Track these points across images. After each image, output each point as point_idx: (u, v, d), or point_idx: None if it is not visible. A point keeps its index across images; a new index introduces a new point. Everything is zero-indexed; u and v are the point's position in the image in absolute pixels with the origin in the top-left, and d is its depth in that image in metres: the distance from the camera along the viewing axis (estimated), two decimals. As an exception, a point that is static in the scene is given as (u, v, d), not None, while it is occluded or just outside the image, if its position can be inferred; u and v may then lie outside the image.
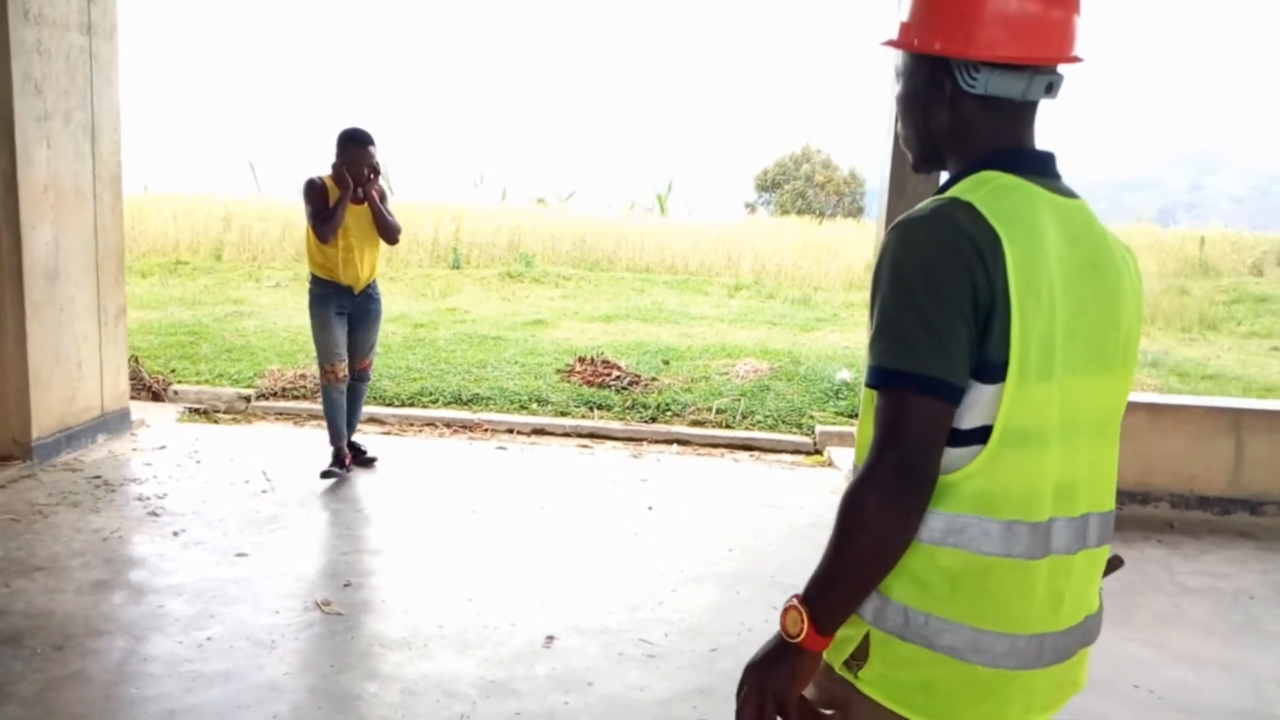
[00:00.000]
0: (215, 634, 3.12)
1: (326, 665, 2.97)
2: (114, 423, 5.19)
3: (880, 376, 1.23)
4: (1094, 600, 1.38)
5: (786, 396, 7.03)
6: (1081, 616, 1.35)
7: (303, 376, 6.99)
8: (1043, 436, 1.26)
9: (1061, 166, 1.38)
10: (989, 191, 1.27)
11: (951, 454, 1.24)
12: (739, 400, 6.92)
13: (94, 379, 5.00)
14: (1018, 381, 1.22)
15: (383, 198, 4.77)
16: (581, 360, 7.72)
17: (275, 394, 6.79)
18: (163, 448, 5.12)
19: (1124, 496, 4.80)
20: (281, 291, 11.30)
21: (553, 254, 14.45)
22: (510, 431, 6.34)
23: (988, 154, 1.32)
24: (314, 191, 4.61)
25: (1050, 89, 1.32)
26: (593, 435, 6.38)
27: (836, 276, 13.70)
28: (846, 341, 9.35)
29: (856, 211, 30.66)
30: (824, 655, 1.29)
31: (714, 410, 6.77)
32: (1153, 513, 4.81)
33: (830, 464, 5.87)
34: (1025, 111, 1.34)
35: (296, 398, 6.77)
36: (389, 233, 4.75)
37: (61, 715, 2.63)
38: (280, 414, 6.54)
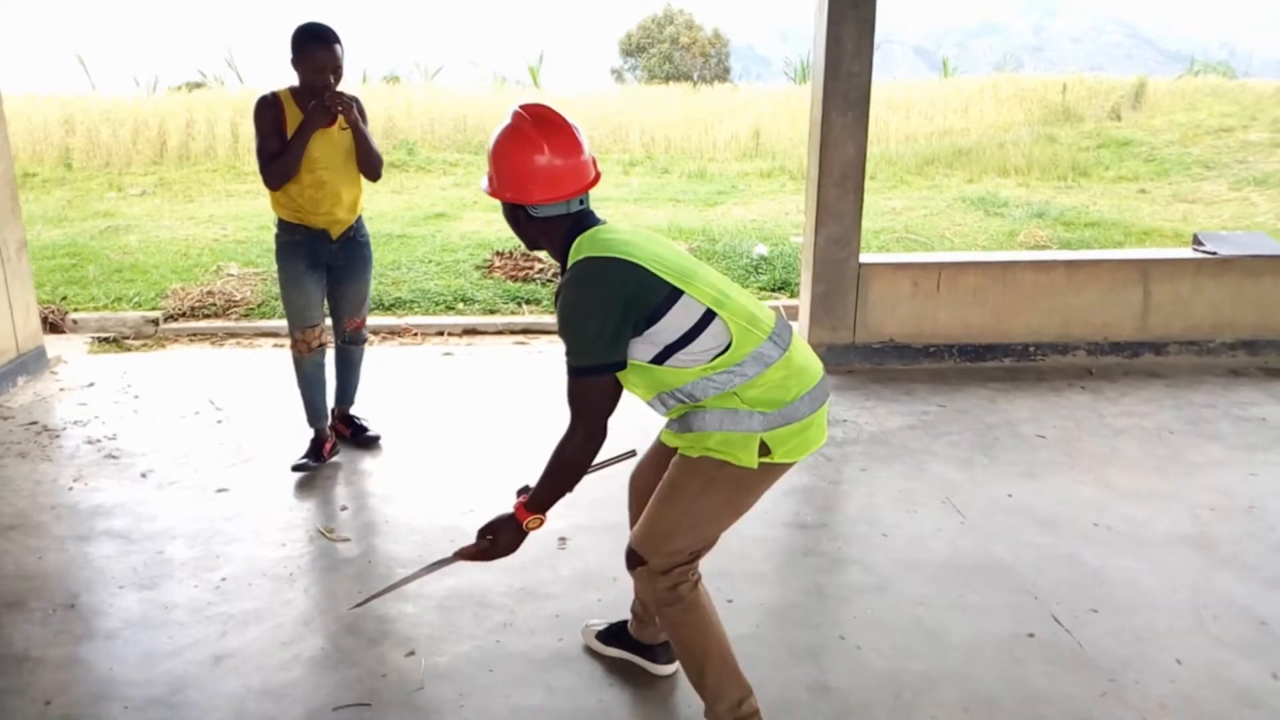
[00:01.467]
0: (229, 574, 3.09)
1: (354, 591, 3.00)
2: (31, 363, 4.88)
3: (571, 368, 2.11)
4: (819, 366, 2.26)
5: (710, 275, 7.14)
6: (819, 375, 2.22)
7: (209, 294, 6.68)
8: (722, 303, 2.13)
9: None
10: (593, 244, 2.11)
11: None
12: (665, 283, 7.00)
13: (5, 319, 4.66)
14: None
15: (361, 115, 3.69)
16: (500, 255, 7.61)
17: (184, 314, 6.48)
18: (91, 385, 4.85)
19: (1045, 348, 5.19)
20: (150, 200, 10.57)
21: (432, 138, 13.90)
22: (441, 334, 6.26)
23: (567, 235, 2.15)
24: (265, 113, 3.57)
25: (583, 201, 2.17)
26: (526, 331, 6.37)
27: (725, 147, 13.73)
28: (752, 215, 9.50)
29: (724, 73, 30.42)
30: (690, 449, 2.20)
31: (643, 295, 6.83)
32: (1072, 361, 5.21)
33: (766, 339, 6.05)
34: (576, 211, 2.16)
35: (207, 316, 6.48)
36: (371, 166, 3.74)
37: (101, 673, 2.59)
38: (194, 334, 6.25)
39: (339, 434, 4.10)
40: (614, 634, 2.71)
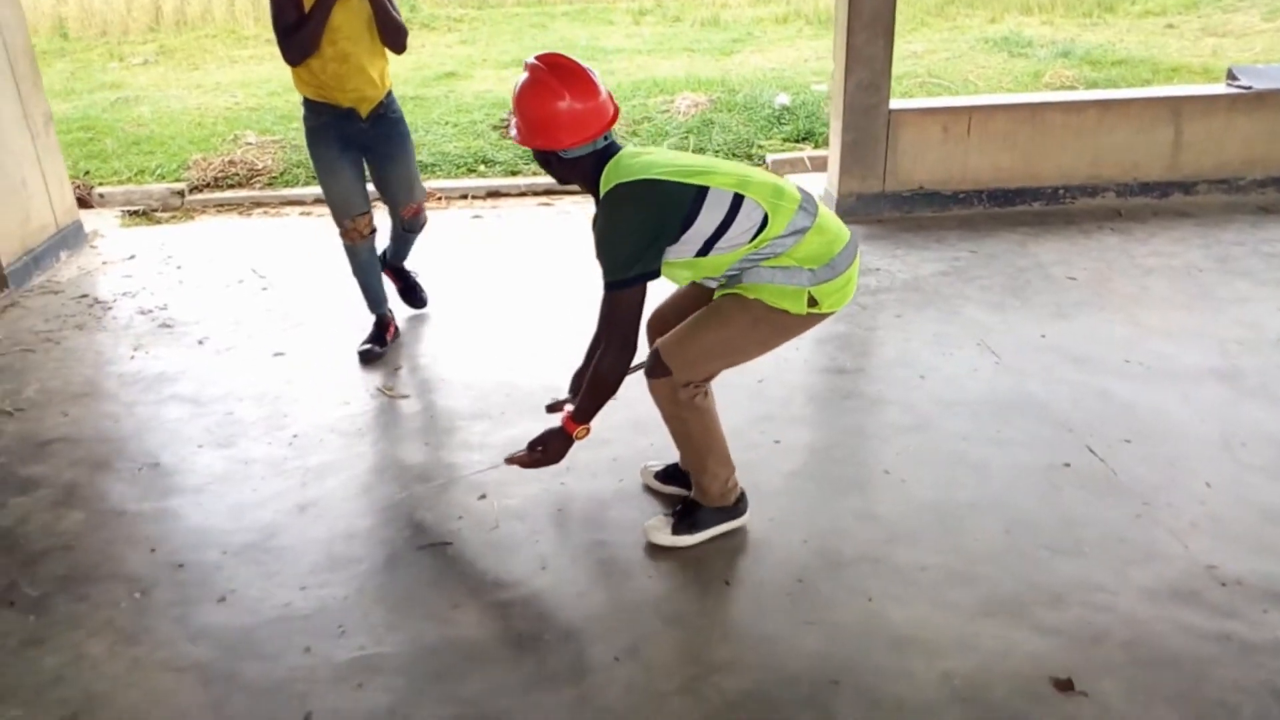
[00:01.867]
0: (299, 431, 3.25)
1: (421, 443, 3.16)
2: (71, 237, 4.94)
3: (609, 282, 2.33)
4: (846, 228, 2.50)
5: (731, 128, 7.05)
6: (849, 234, 2.47)
7: (231, 163, 6.64)
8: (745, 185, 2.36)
9: None
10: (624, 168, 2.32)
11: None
12: (688, 137, 6.92)
13: (41, 195, 4.69)
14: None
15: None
16: (517, 113, 7.49)
17: (208, 185, 6.46)
18: (132, 257, 4.93)
19: (1075, 191, 5.19)
20: (155, 69, 10.32)
21: (435, -6, 13.40)
22: (465, 197, 6.26)
23: (595, 168, 2.34)
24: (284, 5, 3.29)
25: (607, 137, 2.33)
26: (549, 191, 6.34)
27: (737, -9, 13.19)
28: (770, 63, 9.26)
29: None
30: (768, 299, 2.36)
31: (665, 150, 6.77)
32: (1101, 203, 5.22)
33: (791, 191, 6.03)
34: (602, 146, 2.33)
35: (232, 186, 6.47)
36: (394, 36, 3.46)
37: (195, 523, 2.77)
38: (220, 205, 6.26)
39: (386, 279, 4.00)
40: (670, 474, 2.87)
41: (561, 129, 2.28)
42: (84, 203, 6.15)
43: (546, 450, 2.52)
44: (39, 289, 4.50)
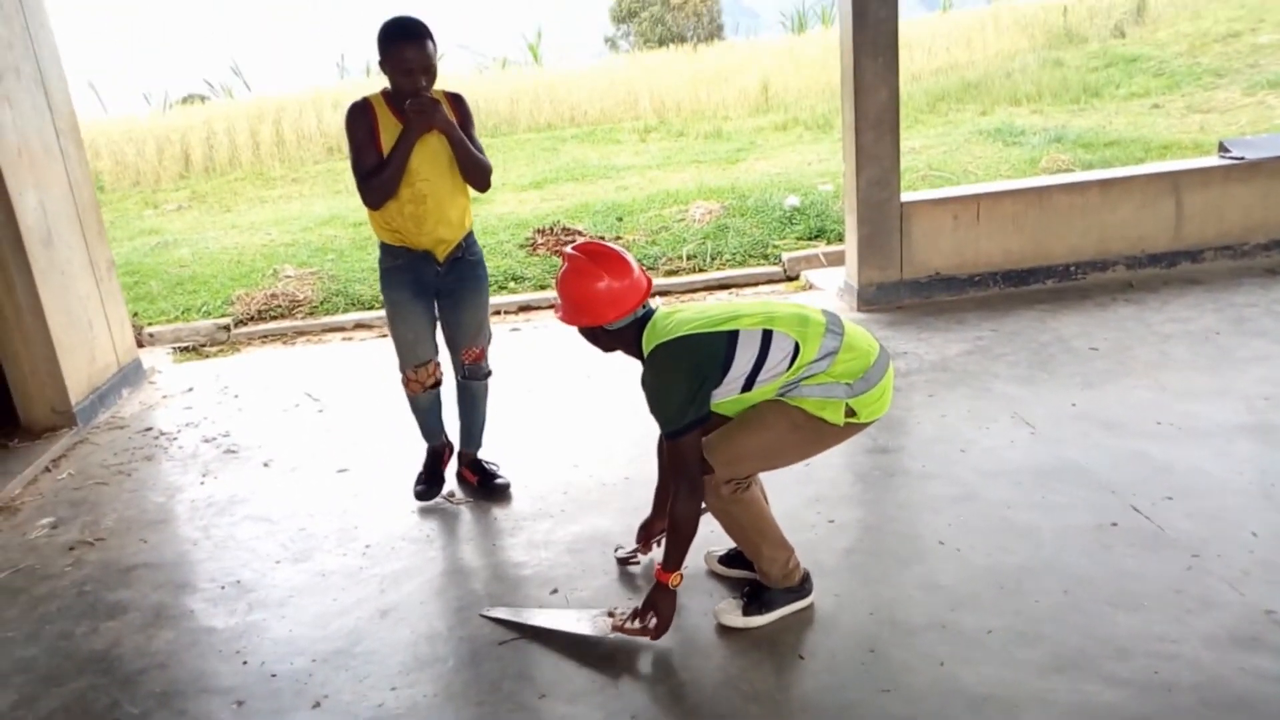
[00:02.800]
0: (371, 541, 3.38)
1: (489, 544, 3.29)
2: (131, 375, 5.18)
3: (671, 432, 2.52)
4: (875, 340, 2.68)
5: (746, 231, 7.36)
6: (878, 346, 2.65)
7: (273, 296, 6.97)
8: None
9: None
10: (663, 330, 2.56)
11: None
12: (704, 243, 7.23)
13: (104, 335, 4.95)
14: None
15: (465, 121, 3.25)
16: (540, 232, 7.85)
17: (252, 318, 6.77)
18: (190, 389, 5.16)
19: (1086, 266, 5.40)
20: (189, 214, 10.85)
21: (448, 127, 14.08)
22: (498, 313, 6.52)
23: (637, 335, 2.59)
24: (356, 122, 3.16)
25: (644, 307, 2.58)
26: (577, 300, 6.61)
27: (736, 104, 13.83)
28: (775, 168, 9.67)
29: (717, 30, 30.29)
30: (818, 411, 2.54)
31: (685, 257, 7.07)
32: (1112, 276, 5.42)
33: (810, 286, 6.28)
34: (641, 315, 2.58)
35: (275, 317, 6.77)
36: (477, 175, 3.25)
37: (281, 634, 2.88)
38: (265, 337, 6.55)
39: (464, 480, 3.73)
40: (733, 558, 2.99)
41: (603, 306, 2.54)
42: (138, 342, 6.45)
43: (659, 613, 2.63)
44: (105, 425, 4.71)
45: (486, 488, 3.66)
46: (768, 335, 2.51)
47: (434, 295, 3.43)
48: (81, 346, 4.71)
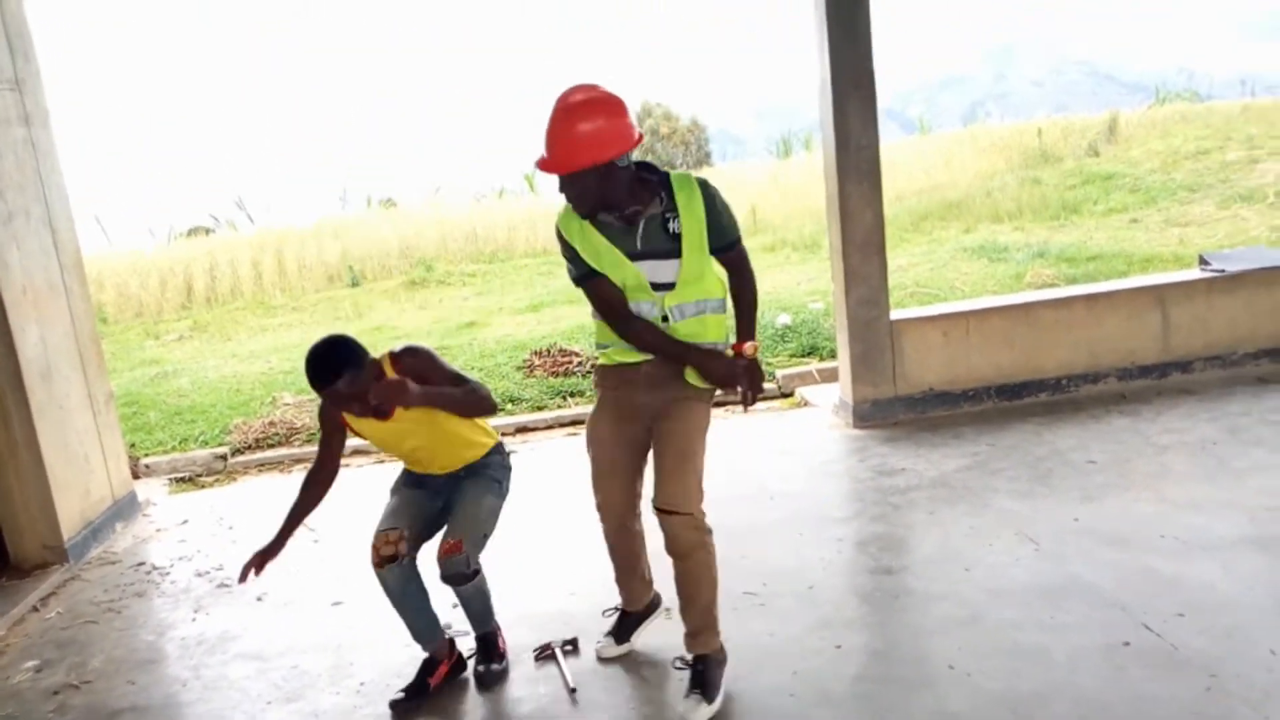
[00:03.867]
0: (366, 679, 3.30)
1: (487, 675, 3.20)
2: (126, 508, 5.14)
3: (739, 236, 2.88)
4: None
5: (740, 350, 7.43)
6: None
7: (271, 424, 6.96)
8: None
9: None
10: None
11: None
12: (699, 362, 7.29)
13: (100, 469, 4.93)
14: None
15: (430, 371, 2.93)
16: (538, 354, 7.92)
17: (249, 446, 6.74)
18: (185, 522, 5.10)
19: (1078, 379, 5.45)
20: (189, 343, 10.96)
21: (447, 254, 14.41)
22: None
23: (636, 178, 2.74)
24: (322, 420, 3.15)
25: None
26: (575, 422, 6.63)
27: (726, 226, 14.17)
28: (765, 287, 9.82)
29: (705, 158, 31.35)
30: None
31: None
32: (1105, 388, 5.46)
33: (806, 403, 6.30)
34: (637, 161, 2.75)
35: (272, 446, 6.75)
36: (474, 411, 3.03)
37: (273, 782, 2.78)
38: (262, 465, 6.52)
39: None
40: (621, 630, 3.24)
41: (622, 134, 2.62)
42: (133, 473, 6.41)
43: (753, 382, 2.85)
44: (97, 560, 4.64)
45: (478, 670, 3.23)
46: None
47: (434, 491, 3.24)
48: (77, 481, 4.69)
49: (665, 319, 2.81)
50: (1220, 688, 2.72)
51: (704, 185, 2.79)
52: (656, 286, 2.79)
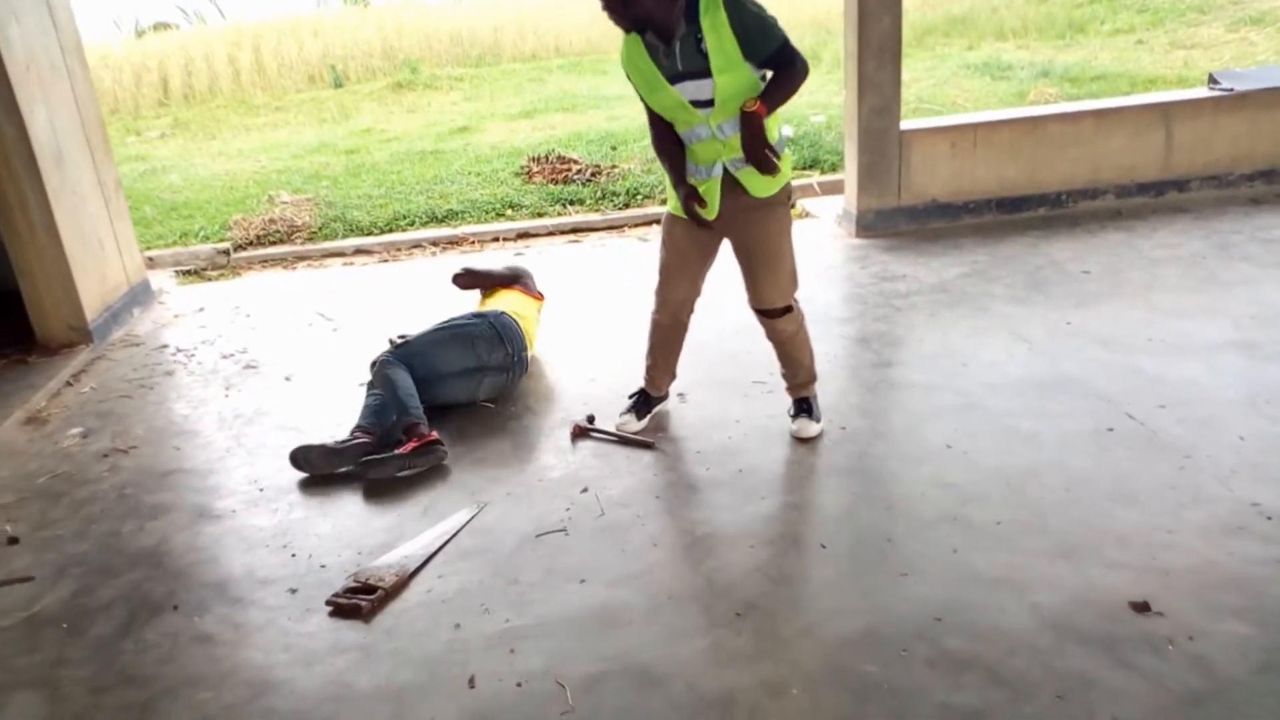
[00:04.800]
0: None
1: (513, 444, 3.43)
2: (141, 295, 5.22)
3: (785, 40, 2.81)
4: None
5: (741, 160, 7.42)
6: None
7: (272, 221, 6.96)
8: None
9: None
10: None
11: None
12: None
13: (114, 255, 4.98)
14: None
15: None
16: (536, 160, 7.86)
17: (251, 243, 6.77)
18: (201, 309, 5.21)
19: (1077, 194, 5.56)
20: (172, 141, 10.72)
21: (432, 55, 13.92)
22: (496, 239, 6.58)
23: None
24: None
25: None
26: (575, 230, 6.69)
27: (722, 35, 13.71)
28: (766, 99, 9.68)
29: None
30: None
31: (681, 185, 7.13)
32: (1102, 204, 5.58)
33: (808, 214, 6.37)
34: None
35: (274, 243, 6.78)
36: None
37: (330, 529, 3.02)
38: (265, 261, 6.57)
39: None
40: (638, 406, 3.53)
41: None
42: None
43: (749, 138, 2.82)
44: (120, 343, 4.77)
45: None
46: None
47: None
48: (93, 265, 4.74)
49: (716, 137, 2.92)
50: (1193, 466, 2.99)
51: (728, 3, 2.77)
52: (699, 104, 2.87)
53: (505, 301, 4.04)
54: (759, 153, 2.82)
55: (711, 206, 3.01)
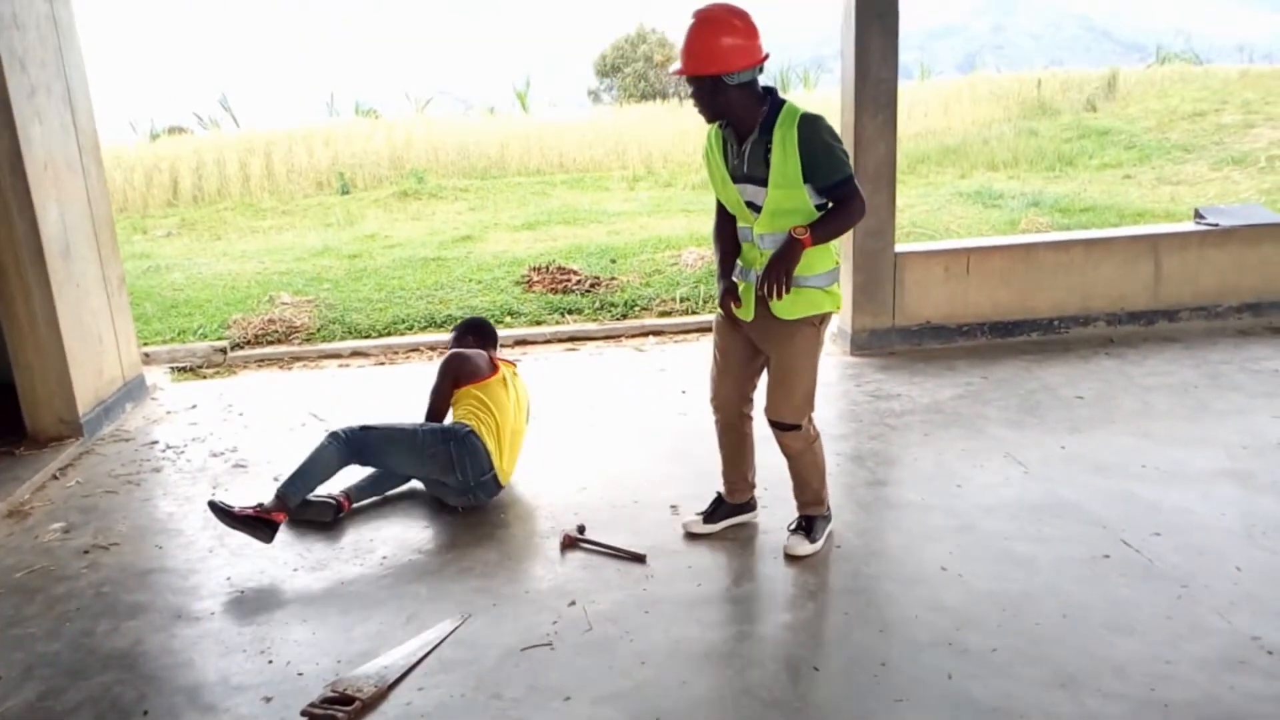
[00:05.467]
0: (387, 554, 3.45)
1: (506, 558, 3.37)
2: (135, 390, 5.22)
3: (849, 176, 2.89)
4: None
5: (738, 277, 7.55)
6: None
7: (271, 321, 7.02)
8: None
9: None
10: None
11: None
12: (697, 287, 7.41)
13: (112, 349, 5.00)
14: None
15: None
16: (537, 270, 8.00)
17: (249, 342, 6.81)
18: (194, 406, 5.20)
19: (1069, 321, 5.63)
20: (178, 240, 10.89)
21: (439, 166, 14.29)
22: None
23: (755, 97, 2.91)
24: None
25: (762, 69, 2.89)
26: (573, 338, 6.76)
27: (722, 157, 14.15)
28: (763, 219, 9.93)
29: (700, 88, 30.95)
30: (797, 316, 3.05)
31: (679, 299, 7.25)
32: (1094, 332, 5.66)
33: (802, 331, 6.44)
34: (759, 75, 2.92)
35: (271, 342, 6.82)
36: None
37: (309, 636, 2.94)
38: (261, 360, 6.59)
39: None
40: (711, 513, 3.43)
41: (733, 54, 2.81)
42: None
43: (770, 269, 2.89)
44: (110, 437, 4.74)
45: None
46: None
47: None
48: (91, 359, 4.76)
49: (756, 245, 3.03)
50: (1190, 596, 2.94)
51: (804, 124, 2.85)
52: (753, 207, 2.98)
53: (466, 405, 3.81)
54: (771, 274, 2.88)
55: (746, 308, 3.08)
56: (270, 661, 2.82)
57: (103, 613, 3.13)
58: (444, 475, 3.67)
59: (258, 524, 3.43)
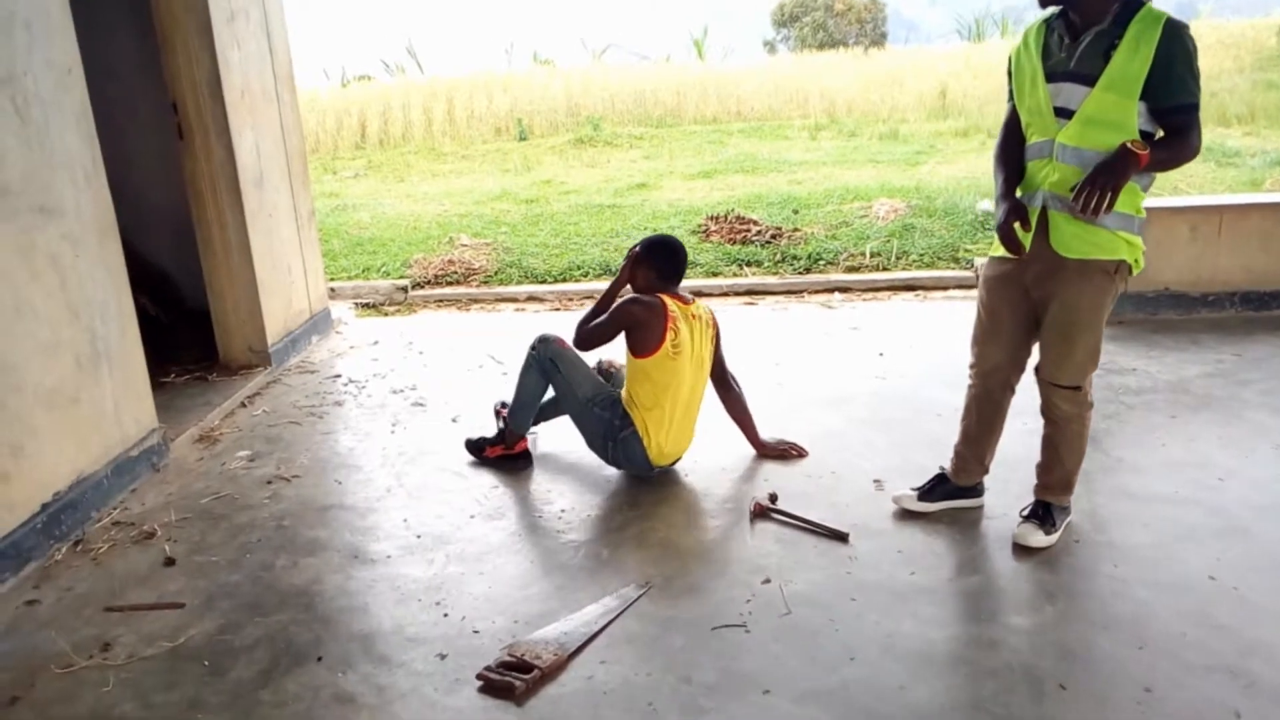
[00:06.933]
0: (566, 507, 3.25)
1: (693, 524, 3.10)
2: (321, 323, 5.25)
3: (1195, 104, 2.44)
4: None
5: (934, 233, 6.97)
6: None
7: (450, 262, 7.00)
8: None
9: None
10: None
11: None
12: (889, 241, 6.88)
13: (300, 281, 5.03)
14: None
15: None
16: (714, 219, 7.65)
17: (429, 282, 6.81)
18: (375, 343, 5.19)
19: (1342, 295, 4.80)
20: (365, 181, 11.16)
21: (614, 114, 14.11)
22: (671, 295, 6.34)
23: None
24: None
25: None
26: (750, 291, 6.39)
27: (911, 108, 13.31)
28: (960, 172, 9.19)
29: (880, 39, 29.51)
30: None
31: (868, 254, 6.74)
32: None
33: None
34: None
35: (450, 283, 6.80)
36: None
37: (486, 589, 2.76)
38: (440, 301, 6.57)
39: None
40: (928, 491, 3.05)
41: None
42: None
43: (1108, 172, 2.41)
44: (296, 368, 4.76)
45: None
46: None
47: None
48: (280, 290, 4.78)
49: (1052, 157, 2.60)
50: None
51: (1171, 29, 2.43)
52: (1060, 113, 2.56)
53: (635, 385, 3.35)
54: (1095, 181, 2.40)
55: (1025, 238, 2.64)
56: (445, 615, 2.65)
57: (282, 546, 3.06)
58: (599, 454, 3.45)
59: (515, 459, 3.57)
